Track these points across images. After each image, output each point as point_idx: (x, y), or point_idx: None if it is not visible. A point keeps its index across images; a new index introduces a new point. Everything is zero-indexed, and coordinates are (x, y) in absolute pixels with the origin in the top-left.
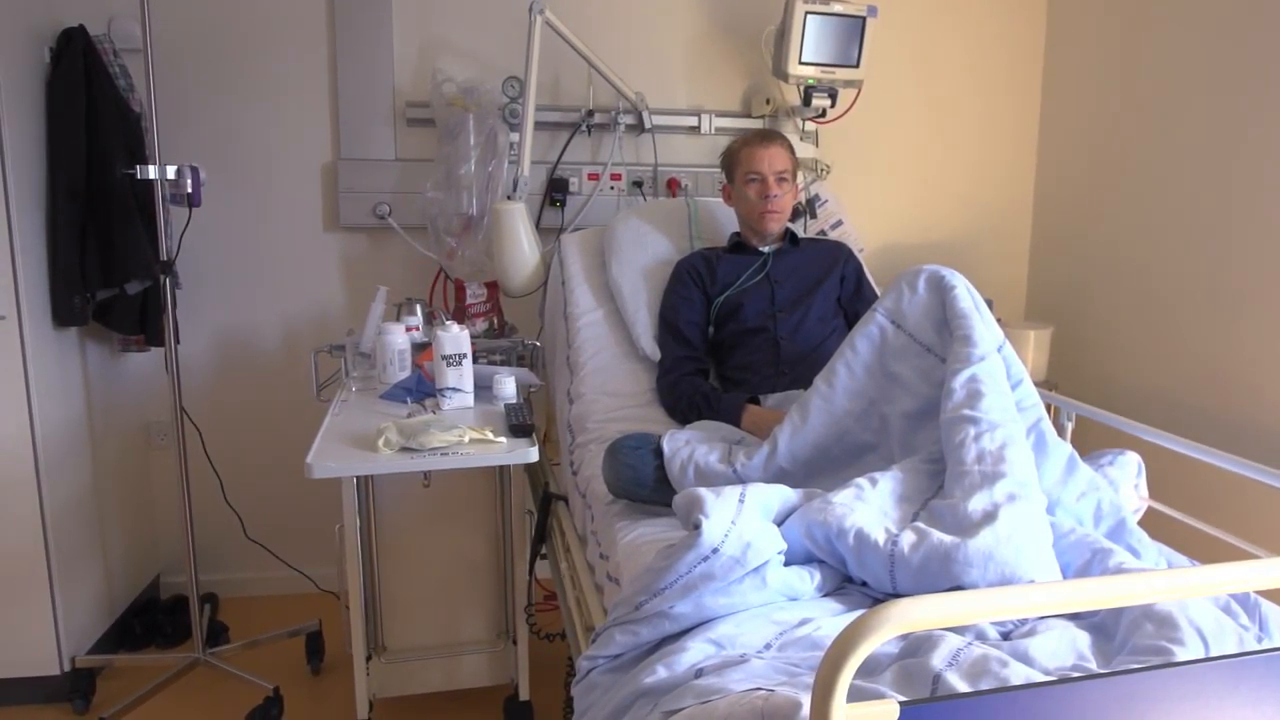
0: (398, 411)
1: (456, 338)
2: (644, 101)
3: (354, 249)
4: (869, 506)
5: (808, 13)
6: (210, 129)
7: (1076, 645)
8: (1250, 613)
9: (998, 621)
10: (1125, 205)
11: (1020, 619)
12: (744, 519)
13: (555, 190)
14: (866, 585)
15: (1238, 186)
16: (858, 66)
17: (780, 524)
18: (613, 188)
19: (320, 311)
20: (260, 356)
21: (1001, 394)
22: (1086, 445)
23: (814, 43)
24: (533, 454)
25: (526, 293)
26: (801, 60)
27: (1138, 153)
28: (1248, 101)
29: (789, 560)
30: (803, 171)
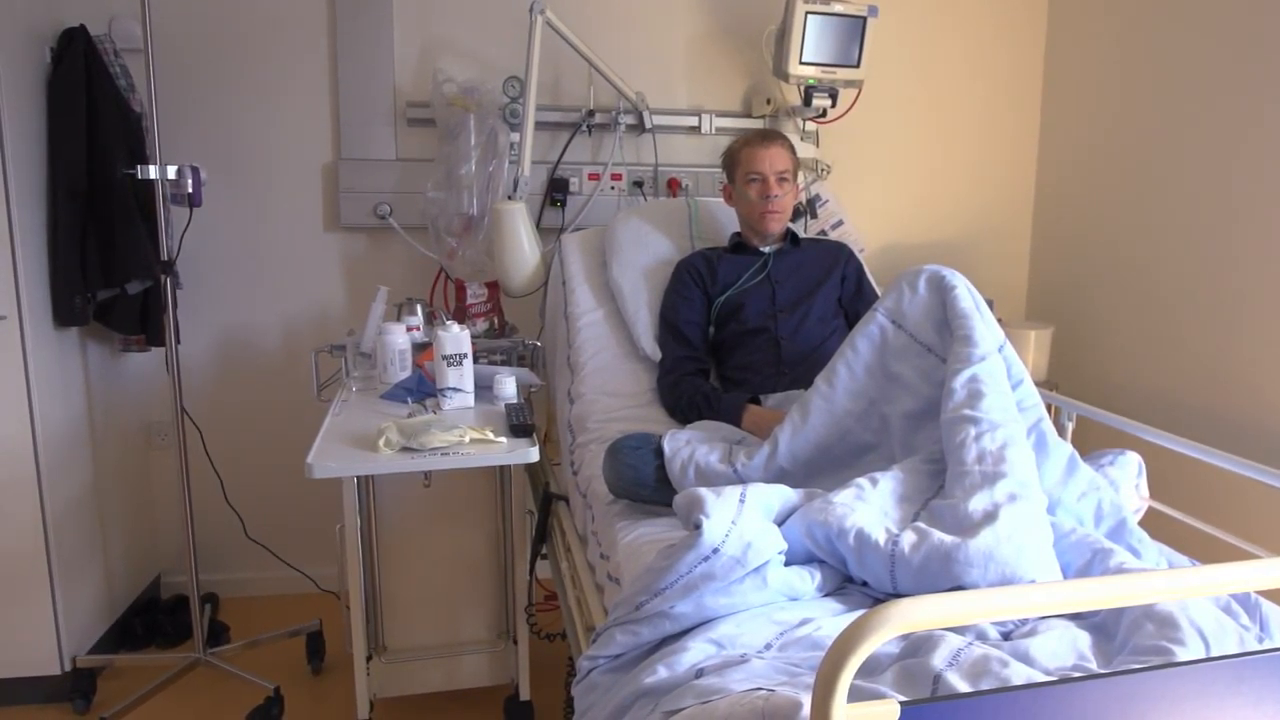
0: (398, 411)
1: (457, 338)
2: (644, 101)
3: (354, 249)
4: (869, 506)
5: (808, 13)
6: (211, 129)
7: (1077, 645)
8: (1251, 613)
9: (998, 621)
10: (1126, 205)
11: (1021, 619)
12: (745, 519)
13: (556, 190)
14: (867, 585)
15: (1238, 187)
16: (858, 66)
17: (781, 524)
18: (613, 188)
19: (321, 311)
20: (261, 356)
21: (1002, 394)
22: (1087, 445)
23: (814, 43)
24: (533, 454)
25: (527, 293)
26: (802, 60)
27: (1138, 153)
28: (1248, 102)
29: (790, 560)
30: (803, 171)
